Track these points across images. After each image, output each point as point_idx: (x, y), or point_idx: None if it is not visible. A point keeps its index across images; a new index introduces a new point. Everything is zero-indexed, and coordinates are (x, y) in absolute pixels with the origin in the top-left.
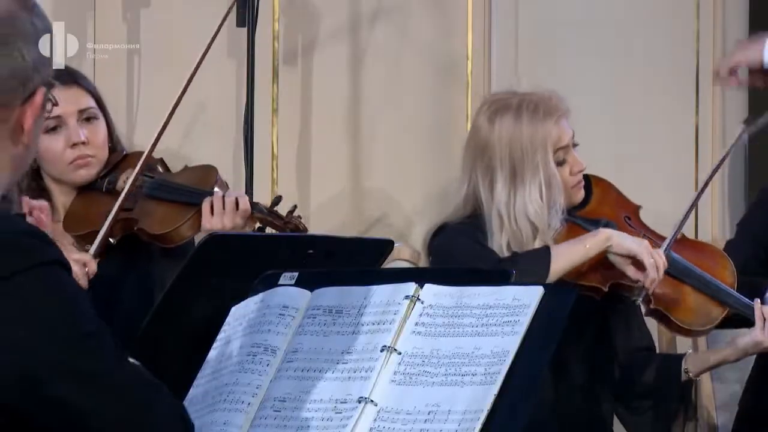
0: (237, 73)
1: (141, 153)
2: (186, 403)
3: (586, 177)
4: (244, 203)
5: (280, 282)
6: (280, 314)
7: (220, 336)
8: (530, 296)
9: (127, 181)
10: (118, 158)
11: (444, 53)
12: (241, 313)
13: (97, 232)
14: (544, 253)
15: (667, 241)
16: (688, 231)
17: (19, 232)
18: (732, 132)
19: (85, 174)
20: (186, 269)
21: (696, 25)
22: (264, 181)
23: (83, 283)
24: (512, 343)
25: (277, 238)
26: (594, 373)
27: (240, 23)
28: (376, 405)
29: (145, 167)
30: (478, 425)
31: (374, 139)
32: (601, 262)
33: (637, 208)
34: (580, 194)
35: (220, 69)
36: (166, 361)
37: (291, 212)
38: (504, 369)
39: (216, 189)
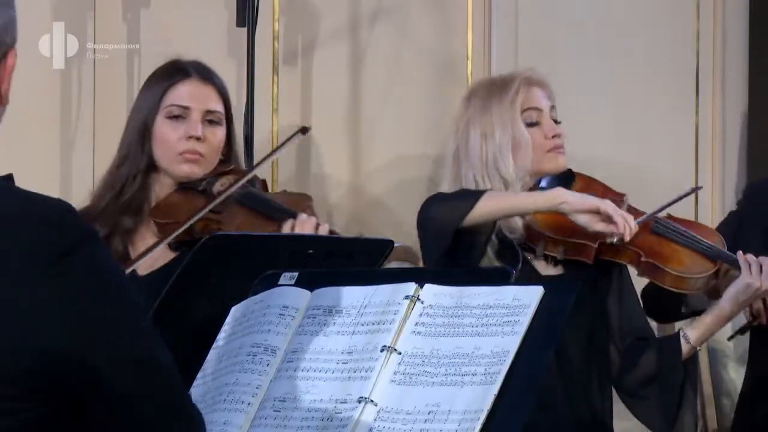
0: (237, 73)
1: (248, 169)
2: None
3: (569, 171)
4: (324, 231)
5: (280, 282)
6: (280, 314)
7: (220, 336)
8: (530, 296)
9: (224, 185)
10: (226, 168)
11: (444, 53)
12: (241, 313)
13: (179, 224)
14: (477, 193)
15: (649, 213)
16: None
17: (55, 207)
18: (732, 131)
19: (189, 170)
20: (186, 269)
21: (696, 25)
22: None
23: None
24: (512, 343)
25: (277, 238)
26: (592, 355)
27: (240, 23)
28: (376, 405)
29: (246, 179)
30: (478, 425)
31: (374, 139)
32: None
33: (623, 195)
34: (559, 161)
35: (220, 69)
36: None
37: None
38: (504, 369)
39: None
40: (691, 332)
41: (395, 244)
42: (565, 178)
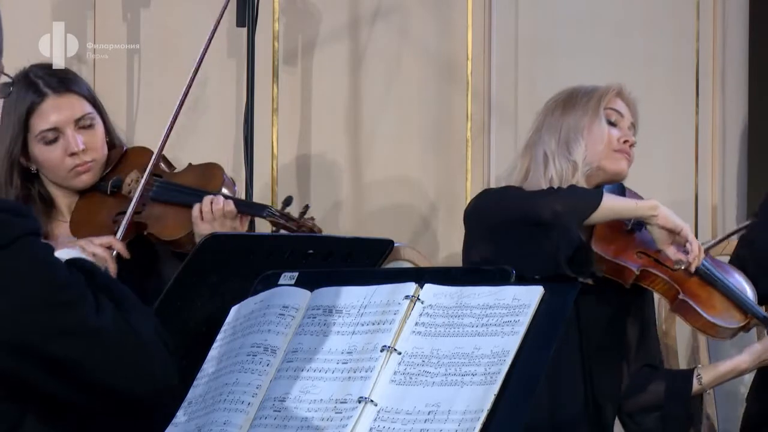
0: (237, 73)
1: (142, 149)
2: (186, 403)
3: (622, 187)
4: (229, 206)
5: (280, 282)
6: (280, 314)
7: (220, 336)
8: (530, 296)
9: (133, 184)
10: (119, 155)
11: (444, 53)
12: (241, 313)
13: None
14: (599, 192)
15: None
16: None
17: None
18: (732, 132)
19: (87, 179)
20: (186, 269)
21: (696, 25)
22: (264, 181)
23: (112, 266)
24: (512, 343)
25: (277, 238)
26: (606, 366)
27: (240, 23)
28: (376, 405)
29: (152, 170)
30: (478, 425)
31: (374, 139)
32: (635, 242)
33: None
34: (622, 165)
35: (220, 69)
36: None
37: (303, 213)
38: (504, 369)
39: (222, 190)
40: (705, 374)
41: (395, 245)
42: (618, 192)
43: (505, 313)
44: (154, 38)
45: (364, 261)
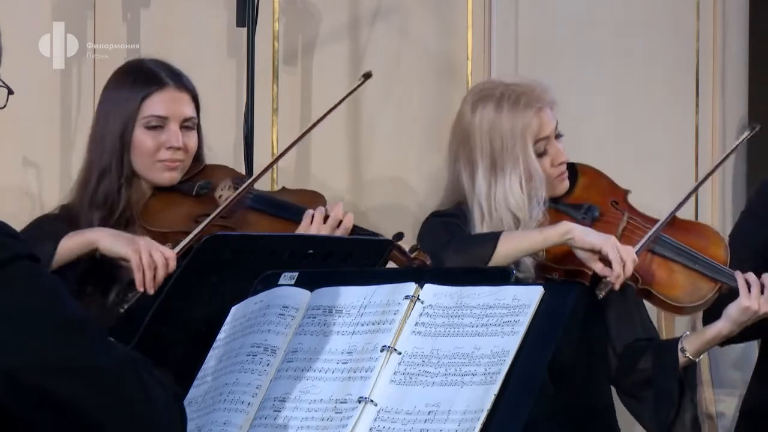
0: (237, 73)
1: (220, 166)
2: (186, 403)
3: (572, 165)
4: (348, 221)
5: (280, 282)
6: (280, 314)
7: (220, 336)
8: (530, 296)
9: (226, 191)
10: (198, 167)
11: (444, 53)
12: (241, 313)
13: (182, 233)
14: (493, 236)
15: (647, 235)
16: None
17: None
18: (732, 132)
19: (170, 177)
20: (186, 269)
21: (696, 25)
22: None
23: (161, 273)
24: (512, 343)
25: (277, 238)
26: (586, 357)
27: (240, 23)
28: (376, 405)
29: (249, 183)
30: (478, 425)
31: (374, 139)
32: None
33: (626, 192)
34: (564, 185)
35: (220, 69)
36: (167, 360)
37: (415, 247)
38: (504, 369)
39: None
40: (688, 345)
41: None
42: (569, 174)
43: (505, 313)
44: (154, 38)
45: (364, 261)
